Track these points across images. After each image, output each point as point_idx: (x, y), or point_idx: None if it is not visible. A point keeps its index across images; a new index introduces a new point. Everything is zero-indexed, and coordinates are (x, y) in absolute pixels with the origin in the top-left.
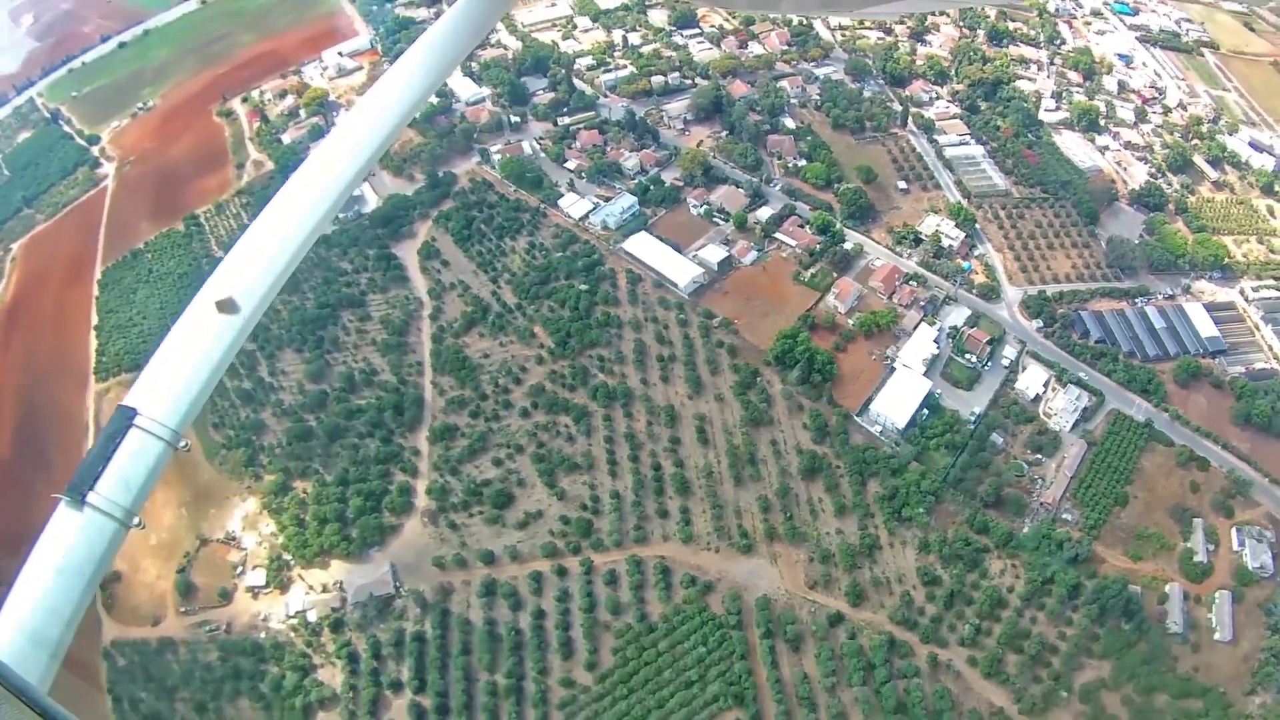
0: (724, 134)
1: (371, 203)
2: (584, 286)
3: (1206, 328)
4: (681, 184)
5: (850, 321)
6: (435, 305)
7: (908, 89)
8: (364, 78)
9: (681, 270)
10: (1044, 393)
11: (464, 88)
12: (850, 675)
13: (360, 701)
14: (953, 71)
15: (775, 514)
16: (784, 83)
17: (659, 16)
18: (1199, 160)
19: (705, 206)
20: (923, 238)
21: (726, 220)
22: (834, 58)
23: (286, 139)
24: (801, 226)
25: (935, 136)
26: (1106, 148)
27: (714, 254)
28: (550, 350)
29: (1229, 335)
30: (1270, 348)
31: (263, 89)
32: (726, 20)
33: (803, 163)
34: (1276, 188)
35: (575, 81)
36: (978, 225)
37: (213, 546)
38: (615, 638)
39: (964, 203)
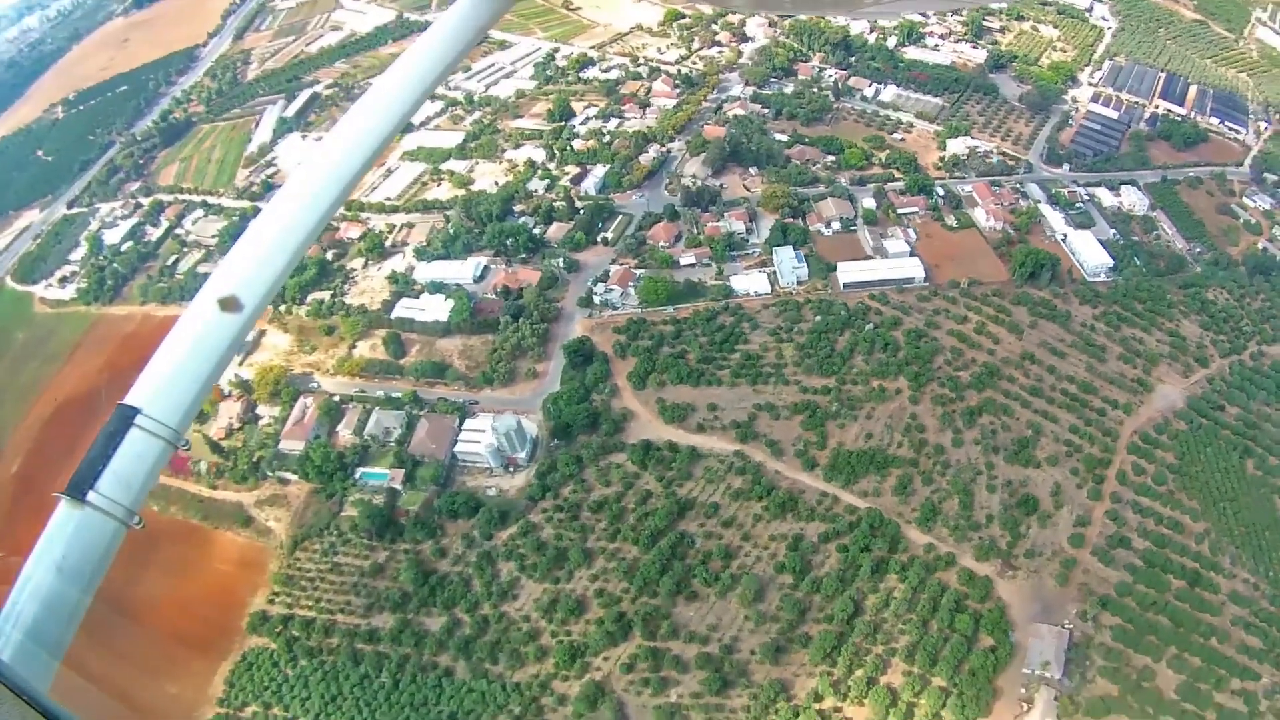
0: (753, 169)
1: (530, 429)
2: (869, 326)
3: (1111, 112)
4: (790, 220)
5: (1011, 231)
6: (765, 439)
7: (800, 74)
8: None
9: (910, 267)
10: (1120, 200)
11: (455, 271)
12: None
13: None
14: (807, 49)
15: (1130, 367)
16: (734, 109)
17: (525, 123)
18: (985, 21)
19: (829, 224)
20: (961, 157)
21: (854, 223)
22: (724, 79)
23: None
24: (900, 195)
25: (862, 95)
26: (938, 46)
27: (899, 246)
28: (912, 386)
29: (1120, 107)
30: (1143, 104)
31: None
32: (595, 102)
33: (830, 158)
34: (1022, 14)
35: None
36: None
37: None
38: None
39: (941, 125)
